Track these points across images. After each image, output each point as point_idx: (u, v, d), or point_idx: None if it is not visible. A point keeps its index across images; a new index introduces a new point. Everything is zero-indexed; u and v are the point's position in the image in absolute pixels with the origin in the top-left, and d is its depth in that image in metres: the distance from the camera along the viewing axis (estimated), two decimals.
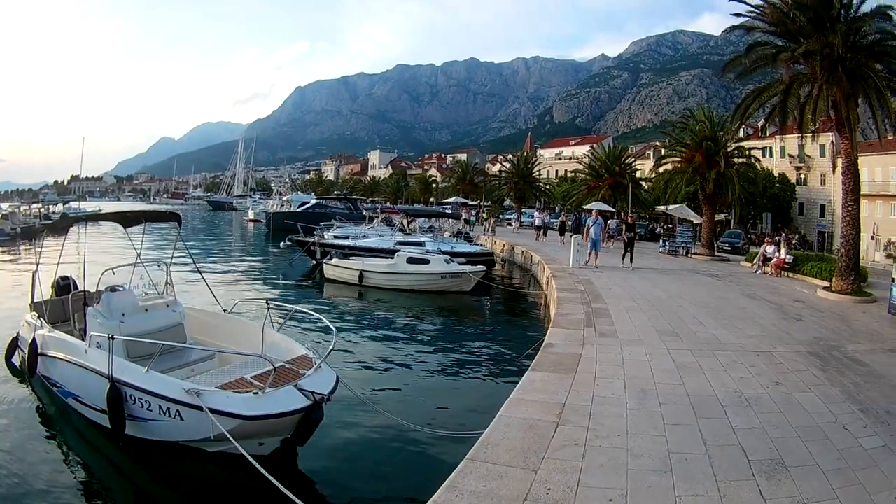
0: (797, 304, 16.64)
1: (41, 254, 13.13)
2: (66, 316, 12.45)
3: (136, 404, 8.58)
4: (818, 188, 65.93)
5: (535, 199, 69.98)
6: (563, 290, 17.63)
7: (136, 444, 8.87)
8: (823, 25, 19.04)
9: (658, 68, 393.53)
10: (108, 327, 9.90)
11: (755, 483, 5.36)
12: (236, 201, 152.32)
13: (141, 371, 8.64)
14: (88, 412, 9.77)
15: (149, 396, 8.39)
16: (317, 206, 65.97)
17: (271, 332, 10.88)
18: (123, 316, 10.63)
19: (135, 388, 8.51)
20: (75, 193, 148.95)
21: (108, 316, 10.47)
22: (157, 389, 8.33)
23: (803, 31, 19.94)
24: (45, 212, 66.94)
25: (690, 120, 36.39)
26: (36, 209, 67.36)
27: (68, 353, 10.18)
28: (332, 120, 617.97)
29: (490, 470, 5.59)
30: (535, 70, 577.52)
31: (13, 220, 55.31)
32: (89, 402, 9.63)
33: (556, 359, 9.68)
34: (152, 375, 8.58)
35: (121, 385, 8.63)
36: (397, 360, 14.73)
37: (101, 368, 8.96)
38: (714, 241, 35.86)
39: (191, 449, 8.59)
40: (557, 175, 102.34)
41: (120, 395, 8.62)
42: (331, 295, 25.12)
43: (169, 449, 8.70)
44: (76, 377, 9.92)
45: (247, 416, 7.67)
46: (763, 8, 21.18)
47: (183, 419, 8.17)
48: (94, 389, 9.25)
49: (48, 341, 10.93)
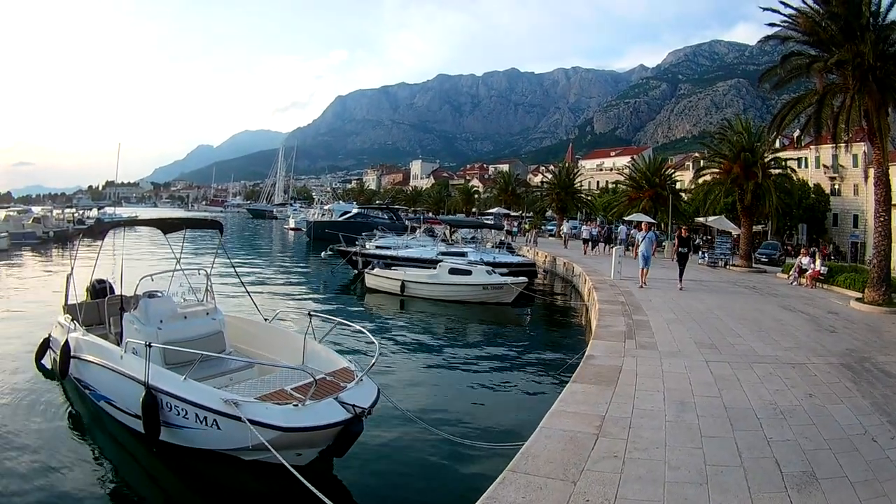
0: (830, 316, 16.49)
1: (76, 257, 13.12)
2: (100, 319, 12.47)
3: (172, 412, 8.51)
4: (851, 198, 64.23)
5: (576, 210, 69.44)
6: (605, 301, 17.70)
7: (169, 450, 8.85)
8: (853, 34, 18.89)
9: (696, 79, 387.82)
10: (146, 334, 9.77)
11: (787, 495, 5.40)
12: (277, 210, 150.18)
13: (178, 379, 8.54)
14: (122, 416, 9.68)
15: (185, 405, 8.30)
16: (358, 215, 65.35)
17: (313, 343, 10.67)
18: (161, 322, 10.48)
19: (171, 395, 8.44)
20: (110, 199, 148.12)
21: (146, 322, 10.36)
22: (195, 398, 8.23)
23: (835, 40, 19.78)
24: (80, 216, 67.22)
25: (728, 131, 35.99)
26: (69, 214, 67.02)
27: (103, 358, 10.08)
28: (373, 129, 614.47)
29: (530, 481, 5.60)
30: (574, 80, 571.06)
31: (45, 223, 55.16)
32: (123, 406, 9.54)
33: (597, 371, 9.75)
34: (190, 384, 8.48)
35: (157, 392, 8.55)
36: (438, 372, 14.70)
37: (136, 375, 8.87)
38: (752, 252, 35.47)
39: (226, 456, 8.52)
40: (598, 186, 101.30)
41: (155, 402, 8.53)
42: (372, 305, 25.11)
43: (203, 455, 8.64)
44: (111, 381, 9.83)
45: (286, 428, 7.52)
46: (795, 17, 21.05)
47: (220, 428, 8.06)
48: (128, 395, 9.18)
49: (82, 344, 10.88)
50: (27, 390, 11.72)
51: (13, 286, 27.01)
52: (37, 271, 33.93)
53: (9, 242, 44.24)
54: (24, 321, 18.02)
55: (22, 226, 51.79)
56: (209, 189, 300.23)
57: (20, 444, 9.21)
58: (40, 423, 10.17)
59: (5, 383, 12.05)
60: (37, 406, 10.94)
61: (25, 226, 52.32)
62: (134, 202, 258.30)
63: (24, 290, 25.59)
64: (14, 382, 12.13)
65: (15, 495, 7.69)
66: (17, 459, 8.64)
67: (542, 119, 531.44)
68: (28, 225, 52.96)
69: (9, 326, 17.63)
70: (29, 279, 29.80)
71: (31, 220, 54.81)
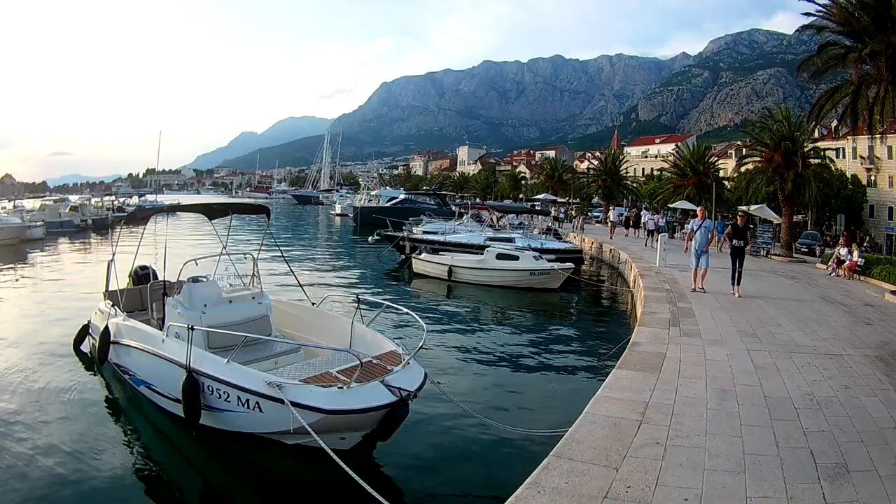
0: (867, 308, 16.17)
1: (117, 244, 12.59)
2: (142, 305, 12.18)
3: (214, 395, 8.34)
4: (887, 190, 62.47)
5: (622, 197, 68.63)
6: (650, 288, 17.66)
7: (209, 434, 8.75)
8: (885, 25, 18.47)
9: (737, 67, 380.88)
10: (189, 317, 9.45)
11: (820, 487, 5.43)
12: (323, 195, 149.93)
13: (221, 362, 8.36)
14: (162, 401, 9.59)
15: (227, 387, 8.12)
16: (405, 201, 65.09)
17: (360, 327, 10.42)
18: (206, 307, 10.25)
19: (213, 378, 8.27)
20: (151, 186, 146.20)
21: (190, 307, 10.10)
22: (237, 381, 8.04)
23: (868, 30, 19.40)
24: (119, 204, 65.45)
25: (769, 120, 35.27)
26: (108, 202, 65.41)
27: (144, 342, 9.95)
28: (419, 115, 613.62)
29: (573, 467, 5.62)
30: (619, 67, 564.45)
31: (83, 212, 54.36)
32: (163, 391, 9.42)
33: (642, 357, 9.80)
34: (232, 366, 8.28)
35: (198, 375, 8.37)
36: (484, 357, 14.54)
37: (178, 358, 8.71)
38: (792, 242, 34.92)
39: (267, 440, 8.39)
40: (643, 173, 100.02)
41: (196, 385, 8.36)
42: (419, 289, 25.10)
43: (243, 439, 8.52)
44: (151, 366, 9.69)
45: (329, 411, 7.32)
46: (830, 7, 20.70)
47: (262, 411, 7.87)
48: (169, 378, 8.99)
49: (122, 329, 10.71)
50: (65, 376, 11.67)
51: (51, 274, 27.25)
52: (74, 259, 34.03)
53: (45, 231, 43.83)
54: (63, 308, 17.99)
55: (59, 214, 51.38)
56: (253, 175, 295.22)
57: (58, 429, 9.23)
58: (78, 409, 10.14)
59: (44, 370, 12.00)
60: (75, 391, 10.89)
61: (62, 214, 51.88)
62: (176, 189, 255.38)
63: (62, 278, 25.67)
64: (52, 369, 12.09)
65: (54, 480, 7.70)
66: (55, 444, 8.64)
67: (587, 106, 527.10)
68: (65, 213, 52.58)
69: (47, 313, 17.66)
70: (67, 267, 29.92)
71: (68, 209, 54.28)
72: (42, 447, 8.57)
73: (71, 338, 13.33)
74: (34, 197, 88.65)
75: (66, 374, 11.81)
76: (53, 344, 13.76)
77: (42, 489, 7.50)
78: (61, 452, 8.44)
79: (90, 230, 50.70)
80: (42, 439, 8.82)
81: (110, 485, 7.75)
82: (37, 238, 41.53)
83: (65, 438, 8.88)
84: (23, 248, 37.18)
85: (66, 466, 8.05)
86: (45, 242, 41.08)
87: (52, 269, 28.93)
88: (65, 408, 10.14)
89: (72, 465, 8.08)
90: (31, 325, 16.27)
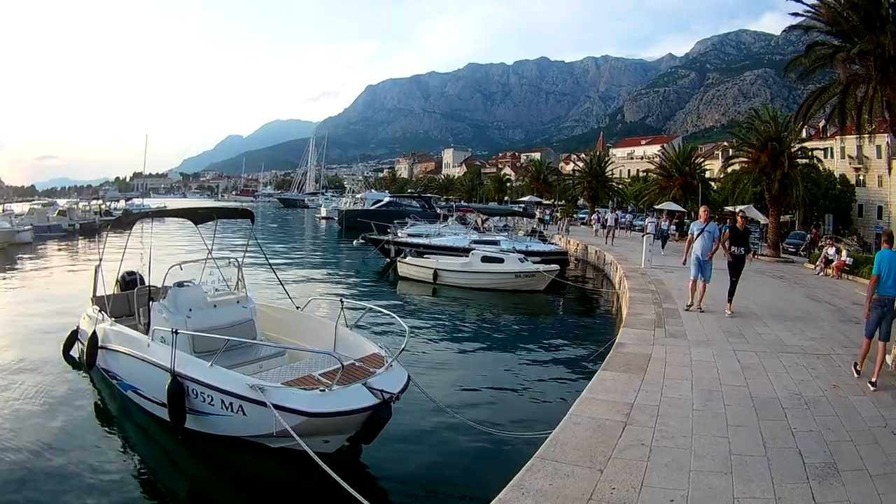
0: (855, 307, 16.17)
1: (104, 249, 12.64)
2: (130, 311, 12.13)
3: (198, 398, 8.40)
4: (876, 189, 62.49)
5: (608, 199, 68.86)
6: (635, 289, 17.65)
7: (195, 438, 8.78)
8: (874, 25, 18.62)
9: (723, 68, 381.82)
10: (174, 322, 9.51)
11: (808, 486, 5.40)
12: (308, 199, 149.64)
13: (205, 366, 8.39)
14: (148, 405, 9.62)
15: (211, 391, 8.18)
16: (391, 203, 65.16)
17: (344, 330, 10.44)
18: (190, 311, 10.32)
19: (197, 382, 8.32)
20: (138, 190, 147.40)
21: (175, 311, 10.16)
22: (220, 384, 8.09)
23: (856, 30, 19.59)
24: (107, 208, 66.28)
25: (756, 120, 35.46)
26: (96, 206, 65.68)
27: (130, 347, 9.99)
28: (405, 118, 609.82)
29: (557, 469, 5.61)
30: (605, 69, 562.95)
31: (71, 216, 54.27)
32: (149, 395, 9.44)
33: (627, 359, 9.75)
34: (216, 370, 8.31)
35: (183, 379, 8.41)
36: (469, 359, 14.62)
37: (162, 362, 8.74)
38: (780, 242, 35.05)
39: (251, 443, 8.43)
40: (629, 174, 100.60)
41: (181, 389, 8.39)
42: (404, 293, 25.02)
43: (228, 442, 8.56)
44: (137, 370, 9.74)
45: (311, 413, 7.37)
46: (818, 7, 20.85)
47: (245, 414, 7.93)
48: (154, 382, 9.03)
49: (109, 334, 10.77)
50: (55, 382, 11.68)
51: (40, 279, 27.06)
52: (63, 264, 33.71)
53: (33, 235, 43.37)
54: (52, 313, 17.84)
55: (47, 218, 50.99)
56: (239, 179, 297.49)
57: (47, 434, 9.21)
58: (67, 414, 10.18)
59: (34, 375, 11.99)
60: (64, 397, 10.94)
61: (50, 218, 51.62)
62: (162, 193, 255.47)
63: (51, 283, 25.56)
64: (42, 374, 12.09)
65: (42, 484, 7.74)
66: (43, 449, 8.64)
67: (572, 108, 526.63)
68: (53, 217, 52.29)
69: (37, 319, 17.52)
70: (56, 272, 29.59)
71: (56, 213, 54.22)
72: (30, 451, 8.59)
73: (60, 343, 13.32)
74: (23, 201, 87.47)
75: (55, 380, 11.83)
76: (43, 349, 13.74)
77: (29, 492, 7.56)
78: (48, 456, 8.46)
79: (78, 234, 50.74)
80: (30, 444, 8.82)
81: (97, 488, 7.75)
82: (25, 242, 41.32)
83: (52, 442, 8.90)
84: (11, 252, 36.81)
85: (52, 470, 8.10)
86: (33, 247, 40.93)
87: (40, 274, 28.81)
88: (53, 412, 10.17)
89: (59, 469, 8.14)
90: (20, 329, 16.21)
